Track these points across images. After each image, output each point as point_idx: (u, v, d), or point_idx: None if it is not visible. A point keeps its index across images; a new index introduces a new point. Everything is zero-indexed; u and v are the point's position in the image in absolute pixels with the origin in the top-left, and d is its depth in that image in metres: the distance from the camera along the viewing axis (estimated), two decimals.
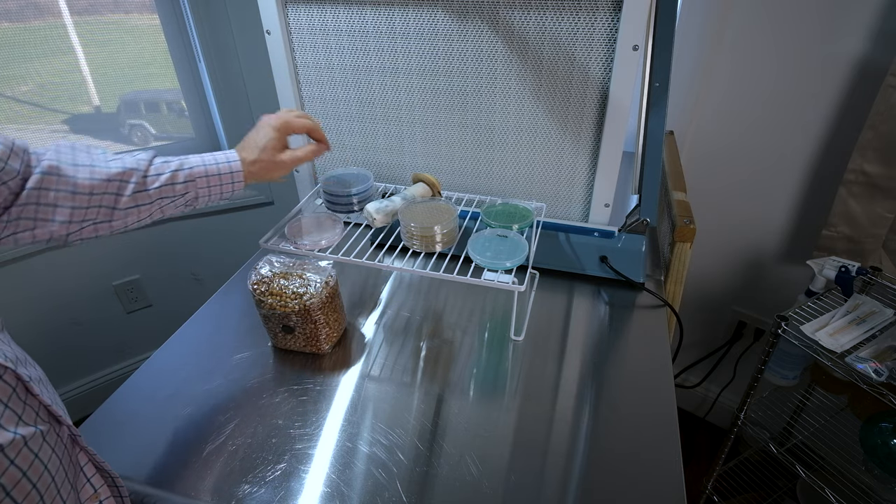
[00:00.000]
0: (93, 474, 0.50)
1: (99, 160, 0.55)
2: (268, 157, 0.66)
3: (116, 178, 0.54)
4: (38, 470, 0.41)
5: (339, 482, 0.57)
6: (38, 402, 0.44)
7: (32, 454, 0.41)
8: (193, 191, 0.60)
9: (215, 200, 0.64)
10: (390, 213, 0.80)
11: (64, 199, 0.51)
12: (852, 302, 1.00)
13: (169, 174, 0.58)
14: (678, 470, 0.58)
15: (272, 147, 0.66)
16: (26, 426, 0.41)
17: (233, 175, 0.63)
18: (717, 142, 1.28)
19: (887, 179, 1.02)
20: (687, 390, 1.66)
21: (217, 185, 0.62)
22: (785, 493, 1.35)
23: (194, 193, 0.60)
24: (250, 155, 0.65)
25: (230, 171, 0.63)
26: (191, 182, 0.60)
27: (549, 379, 0.71)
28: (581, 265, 0.90)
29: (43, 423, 0.43)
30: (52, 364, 1.56)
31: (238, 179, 0.63)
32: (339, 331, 0.78)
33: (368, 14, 0.85)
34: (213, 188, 0.62)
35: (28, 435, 0.41)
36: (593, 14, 0.76)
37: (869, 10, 1.00)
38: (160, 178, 0.57)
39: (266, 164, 0.66)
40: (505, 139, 0.91)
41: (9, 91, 1.30)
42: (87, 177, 0.53)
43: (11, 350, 0.44)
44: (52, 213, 0.51)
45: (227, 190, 0.63)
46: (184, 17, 1.39)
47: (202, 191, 0.61)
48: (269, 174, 0.67)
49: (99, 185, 0.53)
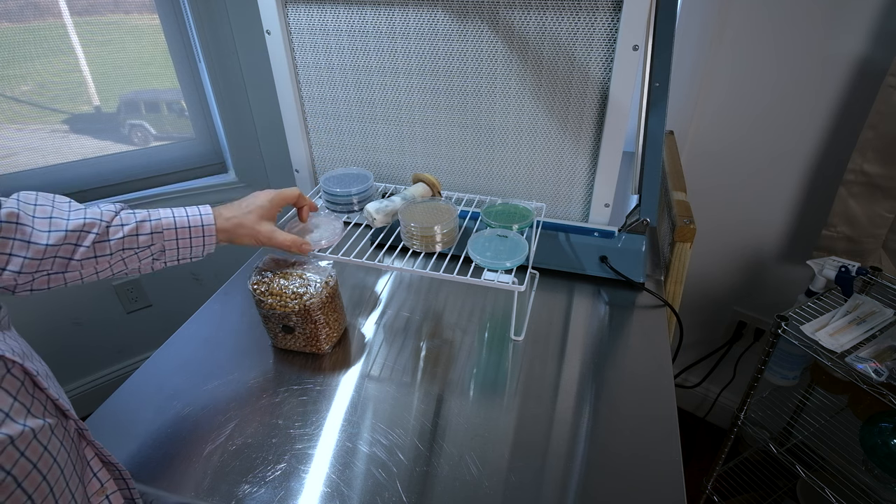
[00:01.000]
0: (99, 468, 0.51)
1: (61, 212, 0.53)
2: (248, 221, 0.64)
3: (77, 229, 0.53)
4: (48, 462, 0.41)
5: (339, 482, 0.57)
6: (45, 395, 0.44)
7: (42, 447, 0.41)
8: (160, 243, 0.58)
9: (185, 258, 0.61)
10: (390, 213, 0.80)
11: (18, 249, 0.49)
12: (852, 302, 1.00)
13: (133, 225, 0.56)
14: (678, 470, 0.58)
15: (257, 213, 0.65)
16: (35, 419, 0.41)
17: (203, 229, 0.60)
18: (717, 142, 1.28)
19: (887, 179, 1.02)
20: (687, 390, 1.66)
21: (186, 237, 0.59)
22: (785, 493, 1.35)
23: (160, 246, 0.58)
24: (228, 212, 0.63)
25: (200, 225, 0.60)
26: (157, 234, 0.57)
27: (549, 379, 0.71)
28: (581, 265, 0.90)
29: (51, 416, 0.44)
30: (53, 364, 1.55)
31: (209, 234, 0.61)
32: (339, 331, 0.78)
33: (368, 14, 0.85)
34: (182, 240, 0.59)
35: (37, 427, 0.41)
36: (593, 14, 0.76)
37: (869, 10, 1.00)
38: (123, 228, 0.55)
39: (242, 226, 0.63)
40: (505, 139, 0.91)
41: (9, 91, 1.30)
42: (44, 229, 0.51)
43: (18, 345, 0.44)
44: (5, 263, 0.49)
45: (197, 244, 0.60)
46: (184, 17, 1.39)
47: (169, 243, 0.58)
48: (243, 237, 0.64)
49: (57, 237, 0.51)
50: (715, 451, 1.27)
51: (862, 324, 0.95)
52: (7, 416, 0.39)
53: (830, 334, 0.94)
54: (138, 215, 0.57)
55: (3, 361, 0.41)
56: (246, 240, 0.65)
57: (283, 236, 0.67)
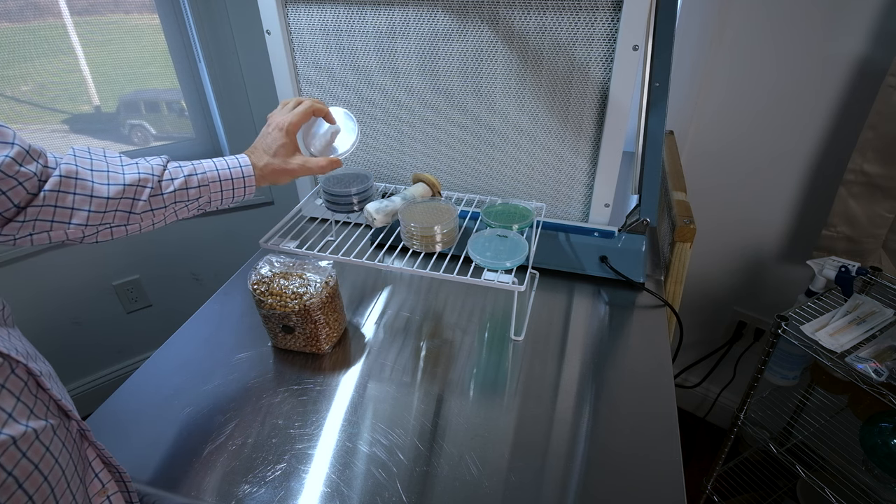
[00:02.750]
0: (101, 469, 0.51)
1: (116, 166, 0.55)
2: (278, 163, 0.66)
3: (134, 184, 0.55)
4: (49, 463, 0.41)
5: (339, 482, 0.57)
6: (48, 396, 0.44)
7: (43, 447, 0.41)
8: (206, 195, 0.61)
9: (227, 204, 0.64)
10: (390, 213, 0.80)
11: (81, 203, 0.52)
12: (852, 302, 1.00)
13: (182, 179, 0.59)
14: (678, 470, 0.58)
15: (282, 152, 0.67)
16: (37, 419, 0.41)
17: (244, 180, 0.63)
18: (717, 142, 1.28)
19: (887, 179, 1.02)
20: (687, 390, 1.66)
21: (229, 189, 0.63)
22: (785, 493, 1.35)
23: (207, 198, 0.61)
24: (260, 160, 0.66)
25: (242, 176, 0.63)
26: (204, 187, 0.60)
27: (549, 379, 0.71)
28: (581, 265, 0.90)
29: (53, 417, 0.44)
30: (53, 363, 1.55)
31: (250, 184, 0.64)
32: (339, 331, 0.78)
33: (368, 14, 0.85)
34: (226, 192, 0.63)
35: (39, 428, 0.41)
36: (593, 14, 0.76)
37: (869, 10, 1.00)
38: (174, 182, 0.58)
39: (276, 169, 0.66)
40: (505, 139, 0.91)
41: (9, 91, 1.30)
42: (104, 182, 0.53)
43: (22, 345, 0.44)
44: (70, 216, 0.51)
45: (238, 194, 0.64)
46: (184, 17, 1.39)
47: (215, 195, 0.62)
48: (279, 178, 0.67)
49: (116, 190, 0.54)
50: (715, 451, 1.27)
51: (862, 324, 0.95)
52: (10, 417, 0.39)
53: (830, 334, 0.94)
54: (185, 169, 0.60)
55: (7, 361, 0.41)
56: (283, 180, 0.67)
57: (315, 163, 0.69)
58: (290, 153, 0.67)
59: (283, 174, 0.67)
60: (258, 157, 0.66)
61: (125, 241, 1.52)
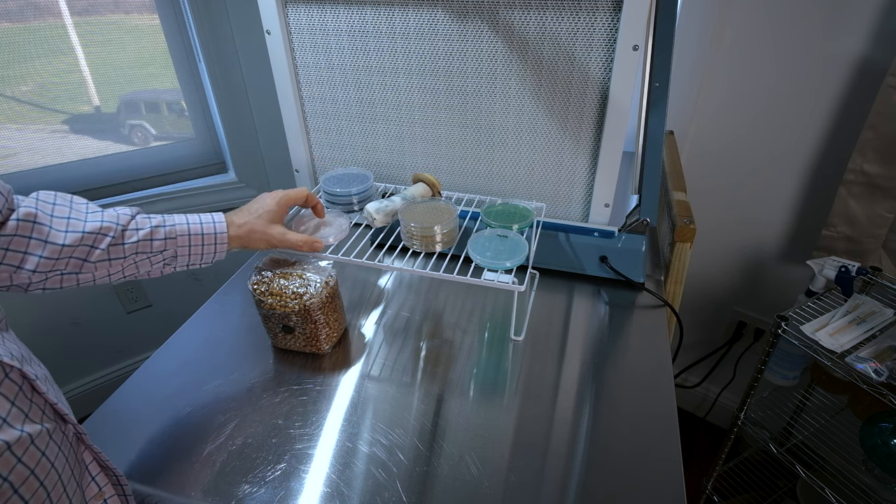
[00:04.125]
0: (97, 473, 0.50)
1: (79, 213, 0.54)
2: (259, 226, 0.64)
3: (94, 231, 0.53)
4: (45, 468, 0.41)
5: (339, 482, 0.57)
6: (44, 400, 0.44)
7: (39, 452, 0.41)
8: (172, 248, 0.59)
9: (197, 263, 0.61)
10: (390, 213, 0.80)
11: (35, 248, 0.50)
12: (852, 302, 1.00)
13: (148, 230, 0.57)
14: (678, 470, 0.58)
15: (266, 217, 0.65)
16: (33, 424, 0.41)
17: (216, 237, 0.61)
18: (717, 142, 1.28)
19: (887, 179, 1.02)
20: (687, 390, 1.66)
21: (199, 244, 0.60)
22: (785, 493, 1.35)
23: (173, 252, 0.59)
24: (241, 218, 0.64)
25: (213, 233, 0.61)
26: (171, 239, 0.58)
27: (549, 379, 0.71)
28: (581, 265, 0.90)
29: (49, 421, 0.44)
30: (53, 364, 1.56)
31: (222, 241, 0.62)
32: (339, 331, 0.78)
33: (368, 14, 0.85)
34: (195, 247, 0.60)
35: (34, 433, 0.41)
36: (593, 14, 0.76)
37: (869, 10, 1.00)
38: (138, 232, 0.56)
39: (255, 230, 0.64)
40: (505, 139, 0.91)
41: (9, 91, 1.31)
42: (62, 229, 0.52)
43: (17, 348, 0.44)
44: (20, 261, 0.50)
45: (209, 251, 0.61)
46: (184, 17, 1.39)
47: (182, 249, 0.59)
48: (255, 242, 0.65)
49: (74, 238, 0.52)
50: (715, 451, 1.27)
51: (862, 324, 0.95)
52: (4, 422, 0.39)
53: (830, 334, 0.94)
54: (153, 220, 0.58)
55: (1, 366, 0.40)
56: (259, 244, 0.66)
57: (294, 237, 0.68)
58: (274, 220, 0.66)
59: (262, 238, 0.65)
60: (240, 217, 0.64)
61: None
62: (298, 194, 0.70)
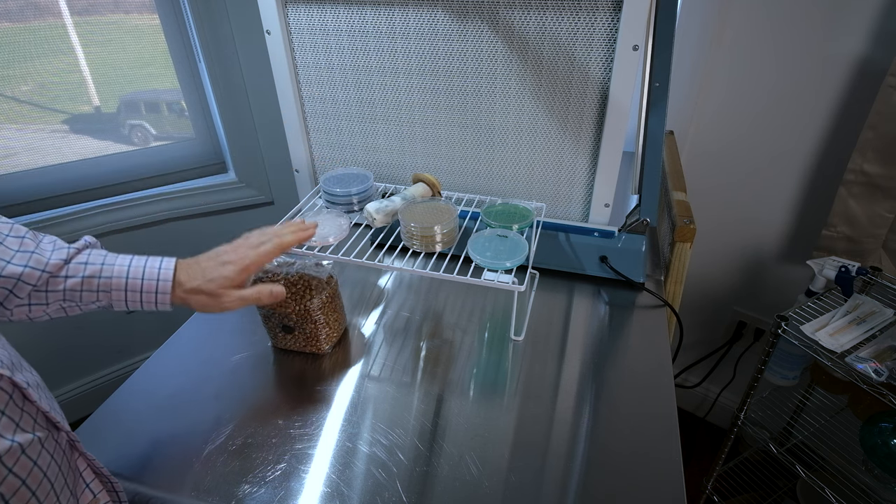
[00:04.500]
0: (91, 479, 0.50)
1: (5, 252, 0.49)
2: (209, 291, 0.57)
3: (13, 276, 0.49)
4: (38, 477, 0.41)
5: (339, 482, 0.57)
6: (35, 408, 0.43)
7: (31, 461, 0.40)
8: (106, 300, 0.54)
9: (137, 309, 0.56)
10: (390, 213, 0.80)
11: None
12: (852, 302, 1.00)
13: (78, 279, 0.52)
14: (678, 470, 0.58)
15: (222, 284, 0.58)
16: (24, 433, 0.41)
17: (157, 295, 0.55)
18: (717, 142, 1.28)
19: (887, 179, 1.02)
20: (687, 390, 1.66)
21: (137, 300, 0.55)
22: (785, 493, 1.35)
23: (107, 302, 0.55)
24: (191, 281, 0.57)
25: (154, 291, 0.55)
26: (104, 292, 0.54)
27: (549, 379, 0.71)
28: (581, 265, 0.90)
29: (41, 429, 0.43)
30: (53, 364, 1.56)
31: (163, 301, 0.56)
32: (339, 331, 0.78)
33: (368, 14, 0.85)
34: (133, 301, 0.55)
35: (25, 442, 0.40)
36: (593, 14, 0.76)
37: (869, 10, 1.00)
38: (67, 281, 0.52)
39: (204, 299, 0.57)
40: (505, 139, 0.91)
41: (9, 91, 1.31)
42: None
43: (7, 355, 0.43)
44: None
45: (149, 304, 0.56)
46: (184, 17, 1.39)
47: (118, 302, 0.55)
48: (203, 308, 0.58)
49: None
50: (715, 451, 1.27)
51: (862, 324, 0.95)
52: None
53: (830, 334, 0.94)
54: (89, 269, 0.53)
55: None
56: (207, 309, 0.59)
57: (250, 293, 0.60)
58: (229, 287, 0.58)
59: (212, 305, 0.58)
60: (191, 275, 0.57)
61: (125, 240, 1.52)
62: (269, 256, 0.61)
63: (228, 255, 0.60)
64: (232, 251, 0.60)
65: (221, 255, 0.60)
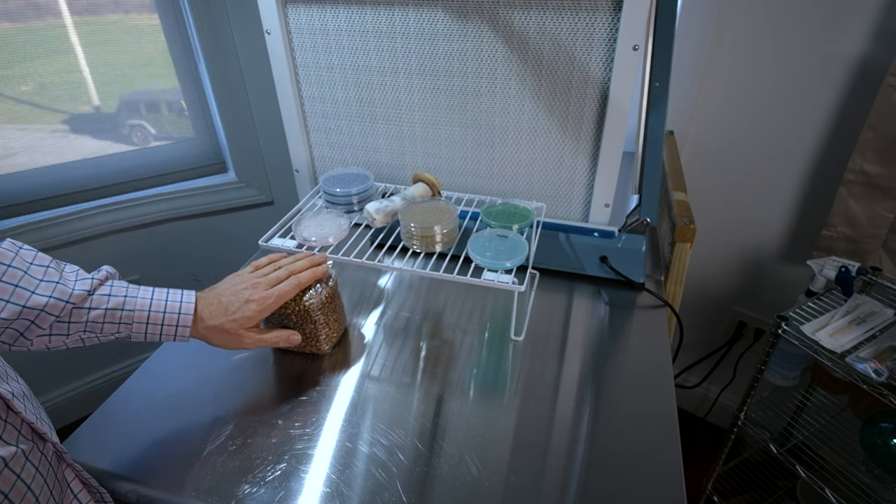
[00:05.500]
0: (80, 490, 0.49)
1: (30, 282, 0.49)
2: (231, 331, 0.59)
3: (37, 308, 0.48)
4: (21, 491, 0.40)
5: (339, 482, 0.57)
6: (20, 419, 0.43)
7: (14, 475, 0.40)
8: (127, 332, 0.55)
9: (155, 342, 0.58)
10: (390, 213, 0.80)
11: None
12: (852, 302, 1.00)
13: (101, 311, 0.52)
14: (678, 470, 0.58)
15: (243, 323, 0.60)
16: (7, 446, 0.40)
17: (178, 329, 0.56)
18: (717, 142, 1.28)
19: (887, 179, 1.02)
20: (687, 390, 1.66)
21: (157, 332, 0.56)
22: (785, 493, 1.35)
23: (127, 333, 0.55)
24: (213, 320, 0.58)
25: (175, 325, 0.56)
26: (125, 325, 0.54)
27: (549, 379, 0.71)
28: (581, 265, 0.90)
29: (25, 441, 0.42)
30: (52, 364, 1.56)
31: (182, 334, 0.57)
32: (339, 331, 0.78)
33: (368, 14, 0.85)
34: (152, 334, 0.56)
35: (8, 455, 0.40)
36: (593, 14, 0.76)
37: (869, 10, 1.00)
38: (90, 313, 0.52)
39: (224, 337, 0.59)
40: (505, 139, 0.91)
41: (9, 91, 1.31)
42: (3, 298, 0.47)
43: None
44: None
45: (168, 336, 0.57)
46: (184, 17, 1.39)
47: (137, 333, 0.56)
48: (222, 345, 0.60)
49: (12, 311, 0.47)
50: (715, 451, 1.27)
51: (862, 324, 0.95)
52: None
53: (830, 334, 0.94)
54: (112, 301, 0.53)
55: None
56: (226, 346, 0.61)
57: (270, 337, 0.64)
58: (250, 326, 0.61)
59: (230, 342, 0.60)
60: (213, 313, 0.58)
61: (125, 240, 1.52)
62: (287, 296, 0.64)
63: (248, 292, 0.61)
64: (251, 288, 0.62)
65: (241, 293, 0.61)
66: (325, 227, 0.76)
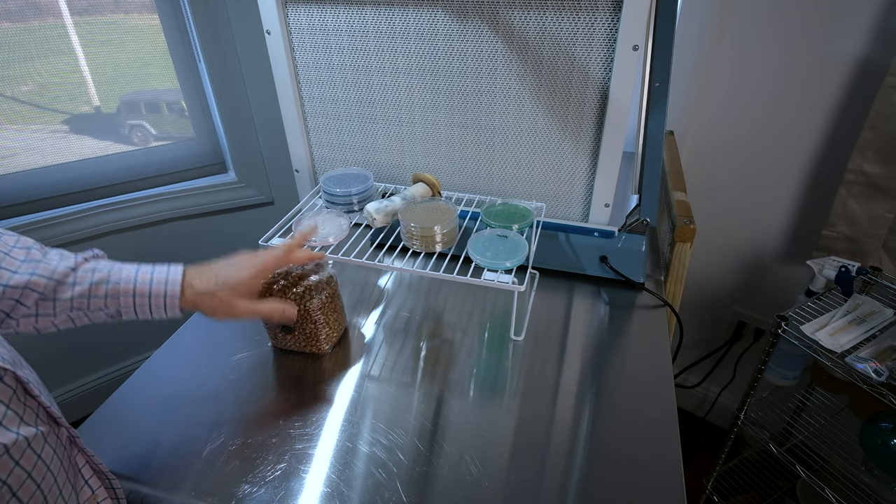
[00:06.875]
0: (90, 476, 0.50)
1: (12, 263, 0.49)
2: (224, 298, 0.57)
3: (20, 286, 0.48)
4: (42, 471, 0.41)
5: (339, 482, 0.57)
6: (37, 403, 0.44)
7: (35, 455, 0.41)
8: (114, 307, 0.53)
9: (146, 318, 0.56)
10: (390, 213, 0.80)
11: None
12: (852, 302, 1.00)
13: (86, 286, 0.52)
14: (678, 470, 0.58)
15: (236, 290, 0.58)
16: (28, 427, 0.41)
17: (166, 299, 0.54)
18: (717, 142, 1.28)
19: (887, 179, 1.02)
20: (687, 390, 1.66)
21: (146, 304, 0.54)
22: (785, 493, 1.35)
23: (115, 309, 0.54)
24: (203, 285, 0.56)
25: (163, 294, 0.54)
26: (112, 297, 0.53)
27: (549, 379, 0.71)
28: (581, 265, 0.90)
29: (43, 424, 0.43)
30: (53, 364, 1.56)
31: (172, 304, 0.55)
32: (339, 331, 0.78)
33: (368, 14, 0.85)
34: (141, 307, 0.54)
35: (30, 436, 0.41)
36: (593, 14, 0.76)
37: (869, 10, 1.00)
38: (74, 288, 0.51)
39: (216, 304, 0.57)
40: (505, 139, 0.91)
41: (9, 91, 1.30)
42: None
43: (8, 352, 0.44)
44: None
45: (157, 310, 0.55)
46: (184, 17, 1.39)
47: (126, 308, 0.54)
48: (215, 314, 0.58)
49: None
50: (715, 451, 1.27)
51: (862, 324, 0.95)
52: (0, 425, 0.39)
53: (830, 334, 0.94)
54: (97, 275, 0.52)
55: None
56: (216, 315, 0.59)
57: (265, 307, 0.62)
58: (244, 293, 0.59)
59: (225, 311, 0.58)
60: (203, 281, 0.57)
61: (125, 240, 1.52)
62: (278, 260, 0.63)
63: (241, 260, 0.61)
64: (244, 258, 0.62)
65: (233, 261, 0.61)
66: (326, 226, 0.76)
